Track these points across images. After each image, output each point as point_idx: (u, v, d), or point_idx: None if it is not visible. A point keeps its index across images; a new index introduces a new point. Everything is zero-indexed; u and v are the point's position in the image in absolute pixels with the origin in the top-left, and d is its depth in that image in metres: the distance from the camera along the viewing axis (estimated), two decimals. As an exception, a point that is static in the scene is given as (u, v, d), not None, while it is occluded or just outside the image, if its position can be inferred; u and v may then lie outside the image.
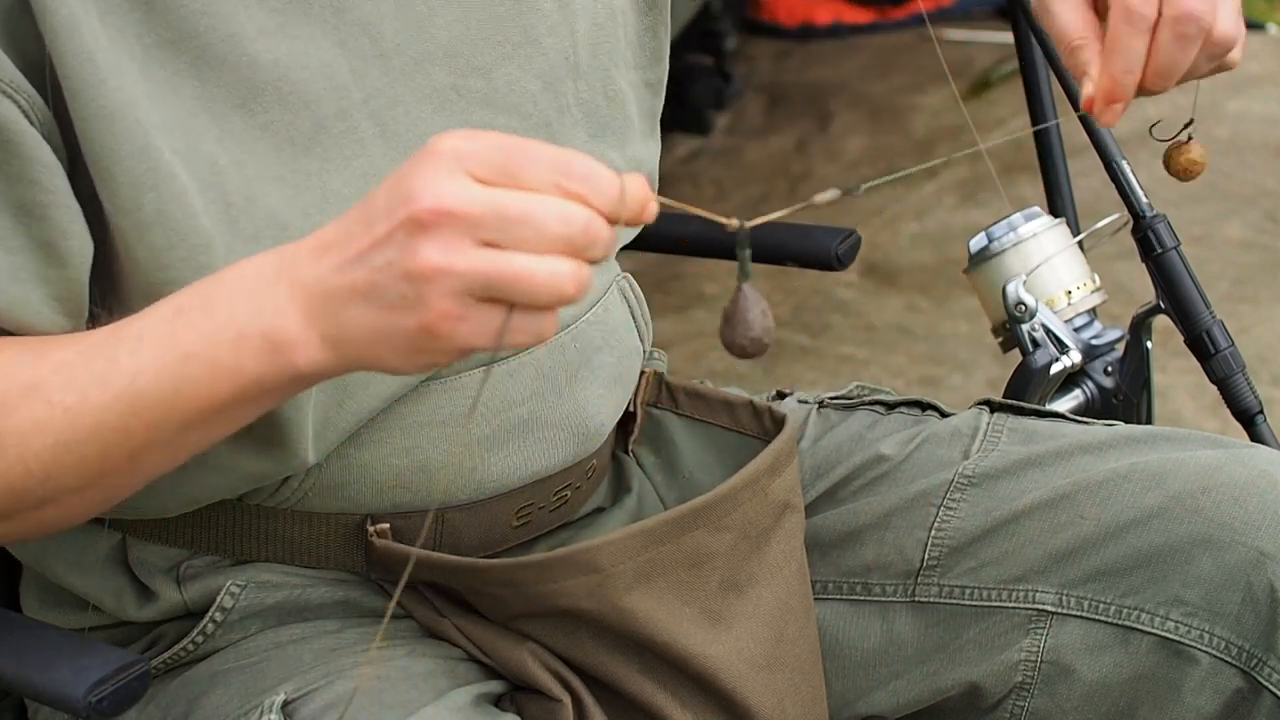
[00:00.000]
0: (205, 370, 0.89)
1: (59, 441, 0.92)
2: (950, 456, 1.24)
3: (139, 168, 0.95)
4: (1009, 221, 1.47)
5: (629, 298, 1.24)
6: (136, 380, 0.90)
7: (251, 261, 0.89)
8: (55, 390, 0.92)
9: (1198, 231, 3.17)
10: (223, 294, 0.89)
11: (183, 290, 0.92)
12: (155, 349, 0.90)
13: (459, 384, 1.10)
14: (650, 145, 1.24)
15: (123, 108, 0.94)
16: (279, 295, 0.87)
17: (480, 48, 1.08)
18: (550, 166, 0.82)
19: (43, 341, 0.96)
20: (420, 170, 0.82)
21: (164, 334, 0.90)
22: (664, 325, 3.08)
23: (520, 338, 0.83)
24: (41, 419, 0.92)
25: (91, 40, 0.93)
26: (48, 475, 0.93)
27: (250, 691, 1.08)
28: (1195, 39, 0.98)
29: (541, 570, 1.07)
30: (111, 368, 0.91)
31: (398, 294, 0.82)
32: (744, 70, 4.30)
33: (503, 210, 0.81)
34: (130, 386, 0.91)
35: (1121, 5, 0.98)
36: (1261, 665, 1.13)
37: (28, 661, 1.00)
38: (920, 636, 1.21)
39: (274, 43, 0.99)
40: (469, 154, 0.82)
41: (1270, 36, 4.15)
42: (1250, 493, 1.14)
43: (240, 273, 0.90)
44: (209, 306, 0.89)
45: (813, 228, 1.51)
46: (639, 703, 1.11)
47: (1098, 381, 1.49)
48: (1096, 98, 1.01)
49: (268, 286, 0.87)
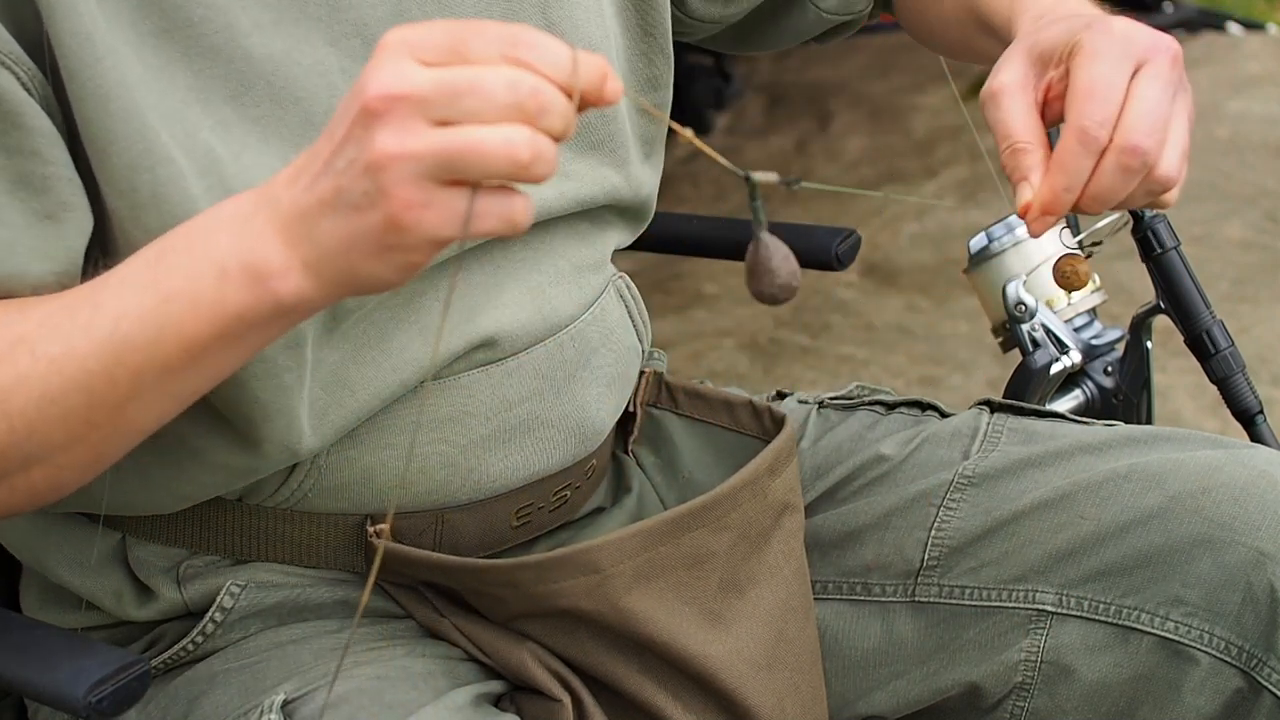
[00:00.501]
0: (188, 309, 0.88)
1: (44, 395, 0.92)
2: (950, 457, 1.24)
3: (135, 149, 0.95)
4: (1009, 221, 1.47)
5: (626, 297, 1.24)
6: (120, 325, 0.90)
7: (231, 200, 0.89)
8: (39, 342, 0.92)
9: (1198, 231, 3.17)
10: (202, 232, 0.89)
11: (166, 234, 0.91)
12: (138, 293, 0.90)
13: (458, 385, 1.10)
14: (652, 164, 1.24)
15: (119, 88, 0.94)
16: (258, 225, 0.86)
17: None
18: (497, 40, 0.81)
19: (30, 300, 0.95)
20: (371, 65, 0.81)
21: (146, 278, 0.90)
22: (664, 325, 3.08)
23: (489, 223, 0.82)
24: (25, 372, 0.91)
25: (89, 21, 0.94)
26: (32, 430, 0.92)
27: (250, 691, 1.08)
28: (1138, 172, 1.00)
29: (541, 570, 1.07)
30: (95, 315, 0.90)
31: (360, 192, 0.81)
32: (744, 70, 4.31)
33: (449, 85, 0.80)
34: (114, 332, 0.90)
35: (1078, 125, 0.99)
36: (1261, 665, 1.13)
37: (28, 661, 1.00)
38: (920, 636, 1.21)
39: (268, 38, 0.99)
40: (416, 41, 0.81)
41: (1270, 36, 4.16)
42: (1250, 493, 1.14)
43: (219, 211, 0.89)
44: (190, 246, 0.89)
45: (813, 228, 1.51)
46: (639, 703, 1.11)
47: (1098, 381, 1.49)
48: (1034, 206, 1.01)
49: (247, 220, 0.87)
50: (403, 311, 1.08)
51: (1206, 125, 3.69)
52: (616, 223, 1.22)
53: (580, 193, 1.15)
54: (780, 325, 3.09)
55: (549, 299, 1.14)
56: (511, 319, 1.12)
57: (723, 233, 1.61)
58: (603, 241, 1.21)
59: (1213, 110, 3.75)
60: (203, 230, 0.89)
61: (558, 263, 1.16)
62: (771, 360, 2.98)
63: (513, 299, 1.12)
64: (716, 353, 3.04)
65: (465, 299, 1.10)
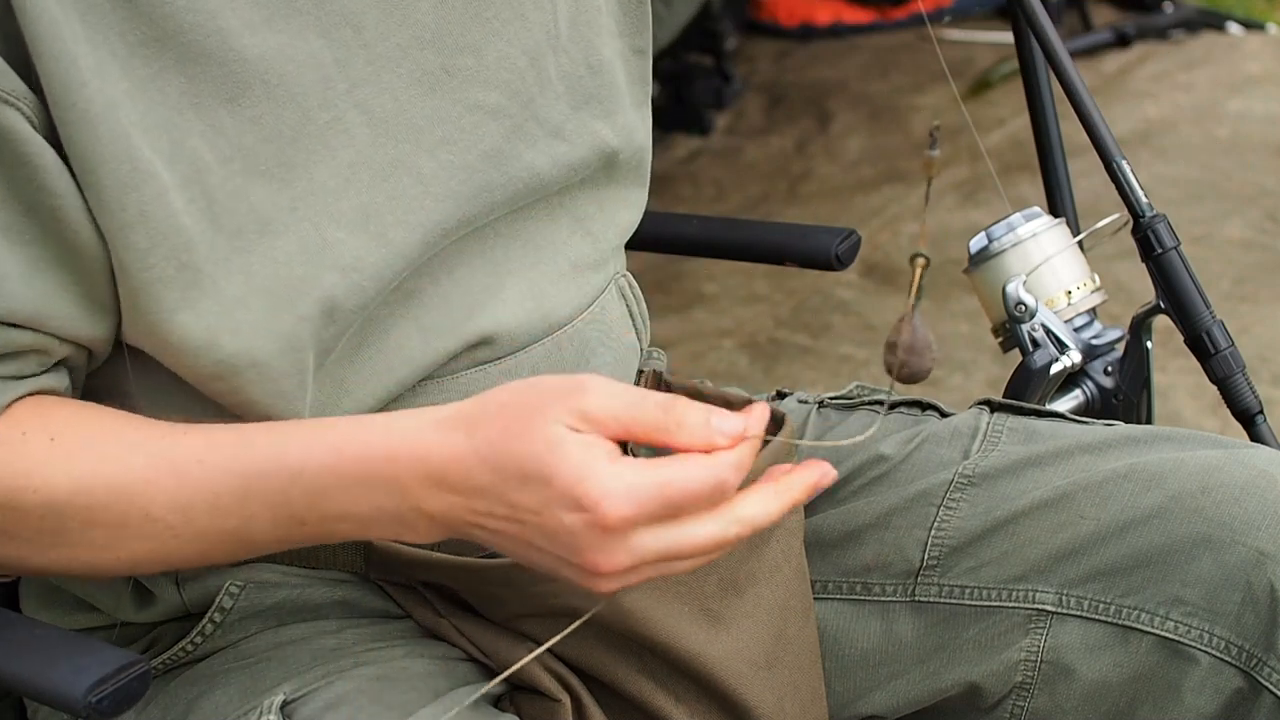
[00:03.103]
0: (316, 536, 0.98)
1: (156, 550, 0.99)
2: (950, 456, 1.24)
3: (122, 169, 0.95)
4: (1009, 221, 1.47)
5: (627, 296, 1.24)
6: (250, 524, 0.97)
7: (387, 462, 0.94)
8: (155, 505, 0.97)
9: (1198, 231, 3.17)
10: (353, 484, 0.95)
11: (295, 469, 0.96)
12: (272, 524, 0.97)
13: (456, 383, 1.10)
14: (643, 112, 1.24)
15: (105, 110, 0.94)
16: (406, 515, 0.94)
17: (469, 25, 1.08)
18: (708, 498, 0.90)
19: (104, 433, 0.99)
20: (592, 545, 0.89)
21: (284, 517, 0.97)
22: (664, 325, 3.08)
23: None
24: (139, 528, 0.98)
25: (73, 43, 0.93)
26: (135, 565, 1.01)
27: (249, 692, 1.08)
28: None
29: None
30: (222, 520, 0.97)
31: (561, 569, 0.92)
32: (744, 70, 4.31)
33: (669, 553, 0.90)
34: (243, 529, 0.97)
35: None
36: (1261, 665, 1.13)
37: (28, 661, 1.00)
38: (920, 636, 1.21)
39: (260, 37, 0.99)
40: (636, 518, 0.88)
41: (1270, 36, 4.15)
42: (1250, 493, 1.14)
43: (372, 473, 0.94)
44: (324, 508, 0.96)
45: (813, 228, 1.51)
46: (638, 703, 1.11)
47: (1098, 381, 1.49)
48: None
49: (393, 506, 0.94)
50: (401, 309, 1.08)
51: (1206, 125, 3.69)
52: (616, 193, 1.21)
53: (572, 156, 1.15)
54: (780, 325, 3.09)
55: (548, 298, 1.14)
56: (510, 317, 1.12)
57: (723, 233, 1.61)
58: (605, 232, 1.20)
59: (1213, 110, 3.75)
60: (354, 482, 0.94)
61: (558, 262, 1.16)
62: (771, 360, 2.98)
63: (512, 298, 1.12)
64: (716, 353, 3.04)
65: (464, 298, 1.10)
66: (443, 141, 1.06)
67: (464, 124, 1.08)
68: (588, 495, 0.88)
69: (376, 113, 1.04)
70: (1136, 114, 3.76)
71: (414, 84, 1.05)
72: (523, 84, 1.11)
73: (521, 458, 0.89)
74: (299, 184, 1.01)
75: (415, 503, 0.93)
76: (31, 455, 0.98)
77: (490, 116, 1.09)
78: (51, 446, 0.98)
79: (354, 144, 1.03)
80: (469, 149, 1.08)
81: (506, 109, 1.10)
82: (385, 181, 1.04)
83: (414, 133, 1.05)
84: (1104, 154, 1.47)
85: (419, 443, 0.93)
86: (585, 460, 0.88)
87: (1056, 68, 1.49)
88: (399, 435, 0.93)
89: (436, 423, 0.93)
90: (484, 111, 1.09)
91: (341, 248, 1.02)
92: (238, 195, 0.99)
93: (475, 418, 0.92)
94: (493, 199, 1.09)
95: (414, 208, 1.05)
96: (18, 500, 0.97)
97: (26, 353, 0.99)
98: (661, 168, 3.88)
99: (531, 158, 1.11)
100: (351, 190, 1.02)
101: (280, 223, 1.00)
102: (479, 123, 1.08)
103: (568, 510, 0.89)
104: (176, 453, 0.97)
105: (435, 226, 1.06)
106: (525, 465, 0.89)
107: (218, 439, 0.97)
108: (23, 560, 1.01)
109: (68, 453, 0.98)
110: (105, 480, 0.97)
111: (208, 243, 0.98)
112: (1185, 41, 4.15)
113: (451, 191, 1.07)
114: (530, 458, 0.89)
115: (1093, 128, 1.47)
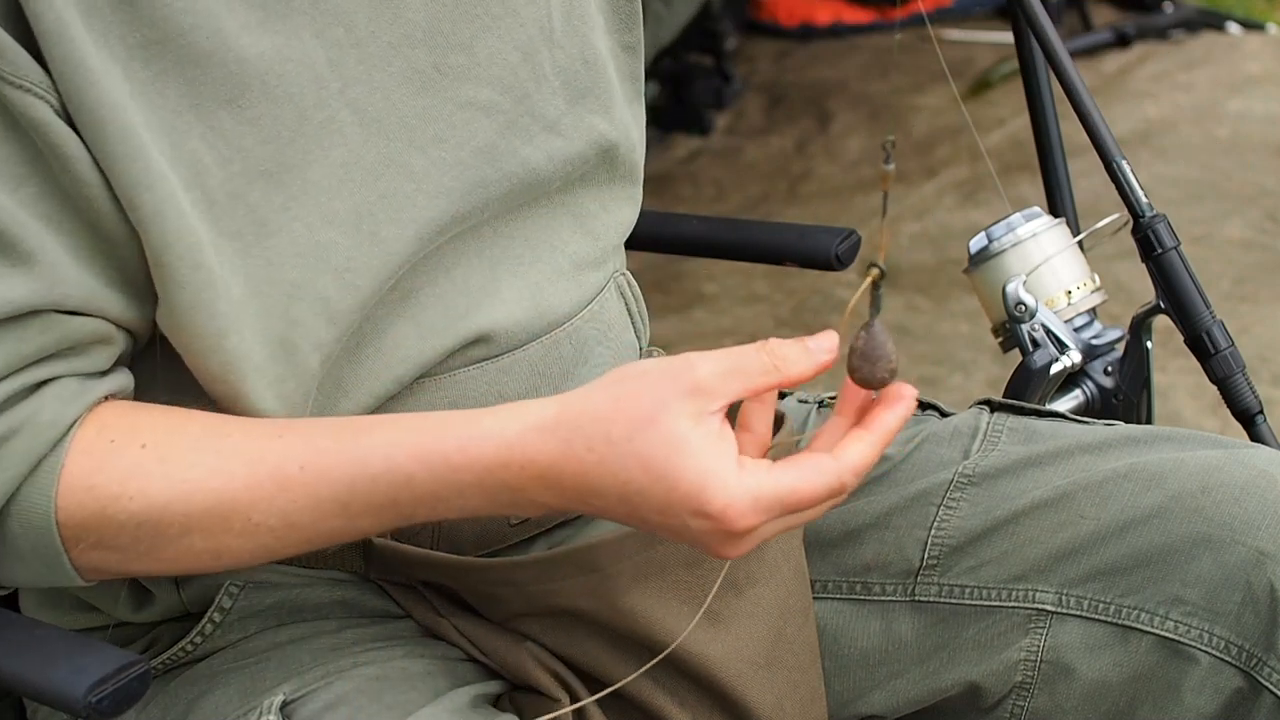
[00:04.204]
0: (422, 523, 1.01)
1: (256, 550, 0.99)
2: (950, 456, 1.24)
3: (135, 169, 0.95)
4: (1009, 221, 1.47)
5: (626, 294, 1.24)
6: (354, 522, 0.99)
7: (475, 491, 0.96)
8: (256, 511, 0.97)
9: (1198, 231, 3.17)
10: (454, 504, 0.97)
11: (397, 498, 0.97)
12: (377, 522, 0.98)
13: (453, 381, 1.10)
14: (635, 109, 1.24)
15: (115, 110, 0.94)
16: (520, 505, 0.96)
17: (459, 22, 1.08)
18: (827, 500, 0.93)
19: (197, 439, 0.99)
20: (717, 543, 0.93)
21: (390, 516, 0.98)
22: (664, 325, 3.08)
23: None
24: (239, 533, 0.98)
25: (80, 46, 0.93)
26: (234, 564, 1.01)
27: (249, 692, 1.08)
28: None
29: (540, 569, 1.07)
30: (325, 522, 0.98)
31: (695, 542, 0.94)
32: (744, 70, 4.31)
33: (791, 526, 0.95)
34: (346, 527, 0.99)
35: None
36: (1261, 665, 1.13)
37: (28, 661, 1.00)
38: (920, 636, 1.21)
39: (258, 37, 0.99)
40: (760, 523, 0.92)
41: (1270, 36, 4.15)
42: (1250, 493, 1.14)
43: (467, 500, 0.96)
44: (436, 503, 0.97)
45: (813, 228, 1.51)
46: (638, 702, 1.11)
47: (1098, 381, 1.49)
48: None
49: (507, 499, 0.96)
50: (398, 309, 1.07)
51: (1206, 125, 3.69)
52: (618, 190, 1.21)
53: (569, 151, 1.15)
54: (780, 325, 3.09)
55: (546, 297, 1.14)
56: (507, 316, 1.12)
57: (723, 233, 1.61)
58: (605, 231, 1.20)
59: (1213, 110, 3.75)
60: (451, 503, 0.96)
61: (558, 260, 1.16)
62: (771, 360, 2.97)
63: (510, 296, 1.12)
64: (716, 353, 3.04)
65: (461, 297, 1.10)
66: (435, 139, 1.06)
67: (456, 121, 1.07)
68: (712, 504, 0.90)
69: (369, 112, 1.04)
70: (1136, 114, 3.76)
71: (405, 82, 1.05)
72: (516, 80, 1.11)
73: (643, 461, 0.91)
74: (293, 185, 1.01)
75: (530, 498, 0.95)
76: (124, 464, 0.97)
77: (483, 113, 1.09)
78: (143, 454, 0.97)
79: (347, 143, 1.03)
80: (462, 145, 1.08)
81: (500, 105, 1.10)
82: (378, 180, 1.04)
83: (406, 131, 1.05)
84: (1104, 154, 1.47)
85: (529, 447, 0.93)
86: (708, 467, 0.90)
87: (1056, 68, 1.49)
88: (509, 441, 0.94)
89: (544, 425, 0.93)
90: (476, 108, 1.08)
91: (335, 249, 1.02)
92: (236, 197, 0.99)
93: (586, 417, 0.93)
94: (487, 195, 1.09)
95: (406, 205, 1.05)
96: (112, 510, 0.97)
97: (91, 345, 0.99)
98: (661, 168, 3.87)
99: (527, 153, 1.11)
100: (345, 190, 1.02)
101: (275, 223, 1.00)
102: (471, 119, 1.08)
103: (692, 516, 0.91)
104: (277, 458, 0.97)
105: (428, 224, 1.06)
106: (647, 470, 0.91)
107: (319, 443, 0.97)
108: (118, 566, 1.00)
109: (161, 460, 0.97)
110: (204, 489, 0.97)
111: (212, 244, 0.98)
112: (1185, 41, 4.15)
113: (444, 188, 1.07)
114: (652, 463, 0.90)
115: (1093, 128, 1.47)
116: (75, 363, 0.98)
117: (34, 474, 0.96)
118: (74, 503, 0.96)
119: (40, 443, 0.96)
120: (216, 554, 0.99)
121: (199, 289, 0.98)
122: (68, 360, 0.98)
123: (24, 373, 0.96)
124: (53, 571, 0.99)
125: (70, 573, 0.99)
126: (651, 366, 0.93)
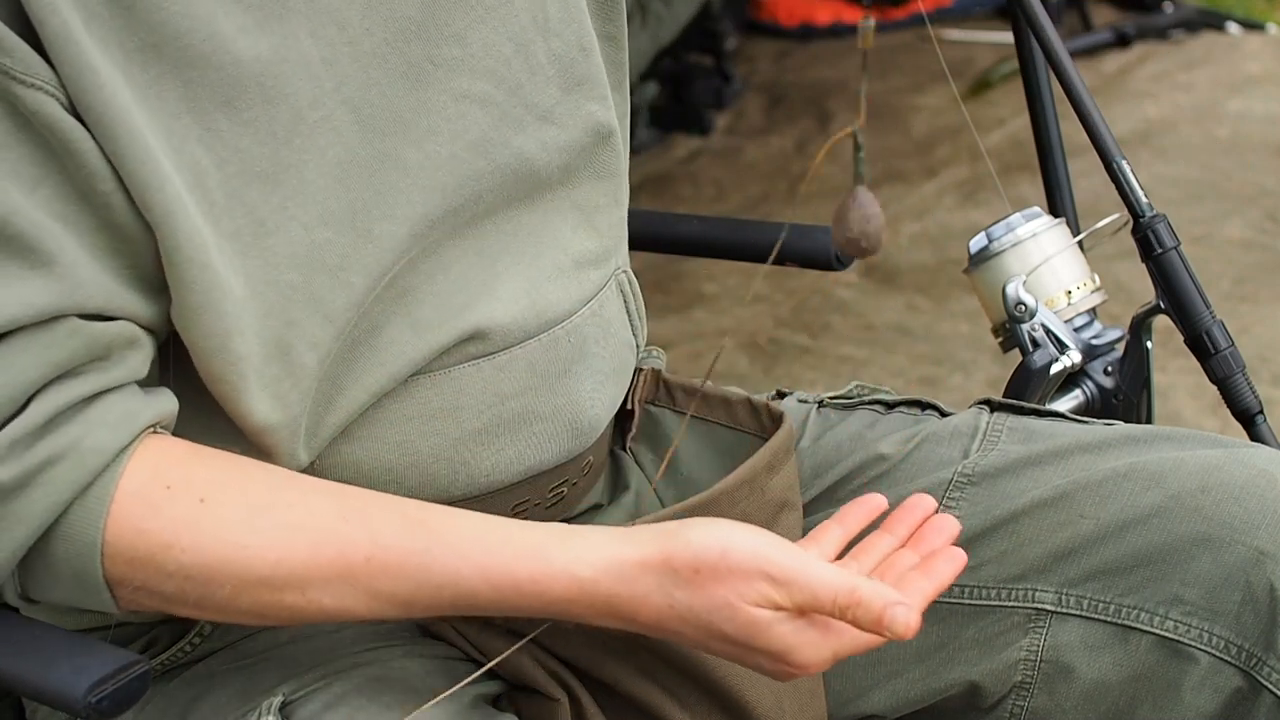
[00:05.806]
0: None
1: (303, 619, 1.00)
2: (950, 455, 1.24)
3: (145, 170, 0.95)
4: (1009, 222, 1.47)
5: (625, 292, 1.23)
6: (411, 612, 1.01)
7: (539, 610, 0.99)
8: (312, 589, 0.98)
9: (1198, 231, 3.17)
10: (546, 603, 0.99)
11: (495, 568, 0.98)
12: (435, 611, 1.00)
13: (449, 378, 1.10)
14: (620, 95, 1.23)
15: (122, 112, 0.94)
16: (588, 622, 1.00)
17: (452, 14, 1.08)
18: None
19: (260, 503, 0.99)
20: (789, 676, 0.99)
21: (449, 610, 1.00)
22: (664, 325, 3.08)
23: None
24: (291, 605, 0.98)
25: (86, 50, 0.93)
26: (278, 622, 1.02)
27: (248, 692, 1.08)
28: None
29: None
30: (380, 610, 1.00)
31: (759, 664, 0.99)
32: (744, 70, 4.31)
33: None
34: (401, 613, 1.00)
35: None
36: (1261, 664, 1.13)
37: (28, 661, 1.00)
38: (919, 635, 1.20)
39: (254, 39, 0.99)
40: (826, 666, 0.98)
41: (1270, 36, 4.15)
42: (1250, 492, 1.14)
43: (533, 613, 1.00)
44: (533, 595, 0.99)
45: (813, 228, 1.51)
46: (637, 702, 1.10)
47: (1098, 381, 1.49)
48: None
49: (576, 616, 0.99)
50: (394, 306, 1.07)
51: (1206, 125, 3.69)
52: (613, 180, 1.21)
53: (564, 139, 1.14)
54: (780, 325, 3.08)
55: (545, 294, 1.14)
56: (504, 313, 1.11)
57: (722, 233, 1.61)
58: (610, 226, 1.20)
59: (1213, 110, 3.75)
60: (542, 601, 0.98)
61: (559, 256, 1.15)
62: (771, 360, 2.98)
63: (507, 293, 1.12)
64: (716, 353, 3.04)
65: (457, 293, 1.10)
66: (429, 133, 1.06)
67: (450, 114, 1.07)
68: (789, 663, 0.97)
69: (363, 109, 1.04)
70: (1136, 114, 3.76)
71: (400, 77, 1.05)
72: (509, 70, 1.11)
73: (724, 629, 0.96)
74: (290, 184, 1.01)
75: (599, 623, 0.99)
76: (178, 514, 0.97)
77: (477, 105, 1.09)
78: (201, 509, 0.97)
79: (342, 141, 1.03)
80: (455, 139, 1.08)
81: (493, 96, 1.09)
82: (372, 177, 1.04)
83: (400, 126, 1.05)
84: (1104, 154, 1.47)
85: (605, 588, 0.97)
86: (790, 644, 0.96)
87: (1056, 68, 1.49)
88: (581, 583, 0.97)
89: (620, 571, 0.97)
90: (471, 100, 1.08)
91: (329, 247, 1.02)
92: (235, 198, 0.99)
93: (664, 569, 0.96)
94: (479, 188, 1.09)
95: (399, 201, 1.05)
96: (162, 558, 0.97)
97: (121, 349, 0.99)
98: (661, 168, 3.87)
99: (520, 143, 1.11)
100: (340, 188, 1.02)
101: (273, 223, 1.00)
102: (465, 112, 1.08)
103: (768, 660, 0.98)
104: (341, 543, 0.98)
105: (421, 219, 1.06)
106: (727, 635, 0.97)
107: (387, 539, 0.98)
108: (159, 605, 1.00)
109: (220, 520, 0.97)
110: (262, 559, 0.97)
111: (215, 245, 0.98)
112: (1185, 41, 4.15)
113: (438, 183, 1.07)
114: (733, 632, 0.96)
115: (1093, 128, 1.47)
116: (113, 373, 0.98)
117: (82, 501, 0.96)
118: (124, 543, 0.96)
119: (86, 470, 0.96)
120: (261, 614, 0.99)
121: (207, 289, 0.98)
122: (105, 371, 0.98)
123: (63, 387, 0.96)
124: (90, 599, 0.99)
125: (109, 603, 0.99)
126: (737, 552, 0.97)
